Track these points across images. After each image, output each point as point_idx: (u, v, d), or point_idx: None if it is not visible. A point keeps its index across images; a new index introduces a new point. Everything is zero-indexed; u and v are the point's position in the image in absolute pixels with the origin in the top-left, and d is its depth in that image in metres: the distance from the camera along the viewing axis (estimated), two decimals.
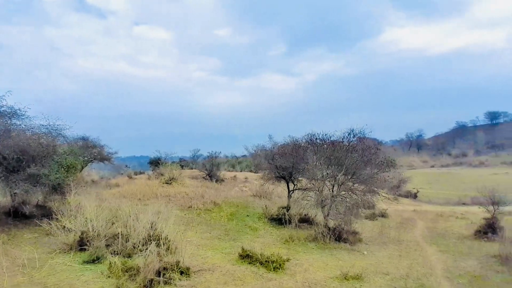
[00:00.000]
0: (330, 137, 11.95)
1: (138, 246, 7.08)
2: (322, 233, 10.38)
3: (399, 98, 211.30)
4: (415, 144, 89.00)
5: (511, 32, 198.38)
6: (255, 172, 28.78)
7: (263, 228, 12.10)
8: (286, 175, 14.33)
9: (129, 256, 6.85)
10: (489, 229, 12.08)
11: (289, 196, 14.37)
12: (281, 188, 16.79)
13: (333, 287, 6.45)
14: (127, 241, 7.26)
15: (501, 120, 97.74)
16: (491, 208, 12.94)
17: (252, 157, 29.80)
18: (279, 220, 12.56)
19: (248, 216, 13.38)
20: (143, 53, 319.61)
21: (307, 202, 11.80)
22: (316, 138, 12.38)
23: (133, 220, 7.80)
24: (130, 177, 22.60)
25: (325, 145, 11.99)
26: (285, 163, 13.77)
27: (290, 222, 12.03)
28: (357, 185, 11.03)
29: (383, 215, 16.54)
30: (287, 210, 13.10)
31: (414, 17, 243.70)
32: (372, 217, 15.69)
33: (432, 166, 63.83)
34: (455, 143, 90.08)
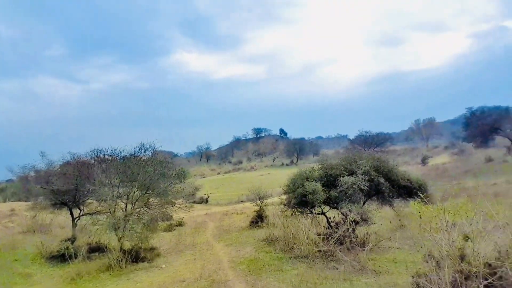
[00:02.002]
0: (121, 152, 11.21)
1: None
2: (117, 259, 9.44)
3: (191, 114, 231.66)
4: (205, 155, 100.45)
5: (267, 68, 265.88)
6: (26, 201, 22.48)
7: (39, 271, 9.55)
8: (68, 200, 12.02)
9: None
10: (259, 219, 15.26)
11: (74, 225, 12.13)
12: (63, 216, 13.93)
13: None
14: None
15: (263, 135, 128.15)
16: (258, 202, 16.49)
17: (20, 181, 23.02)
18: (62, 257, 10.31)
19: (16, 260, 10.23)
20: None
21: (98, 227, 10.42)
22: (104, 154, 11.23)
23: None
24: None
25: (116, 161, 11.10)
26: (66, 185, 11.54)
27: (76, 256, 10.14)
28: (152, 199, 10.92)
29: (180, 224, 17.27)
30: (72, 242, 10.98)
31: (199, 45, 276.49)
32: (170, 228, 16.03)
33: (219, 173, 73.97)
34: (234, 152, 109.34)
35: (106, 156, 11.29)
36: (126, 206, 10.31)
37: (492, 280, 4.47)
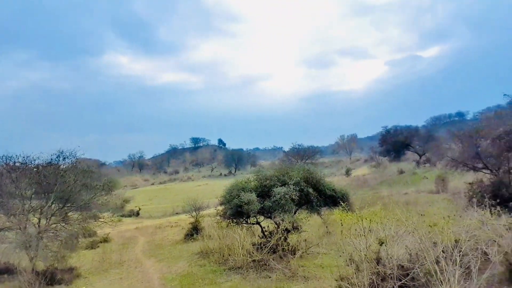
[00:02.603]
0: (35, 160, 9.91)
1: None
2: (29, 282, 8.20)
3: (123, 120, 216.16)
4: (137, 164, 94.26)
5: (207, 78, 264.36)
6: None
7: None
8: None
9: None
10: (194, 231, 14.85)
11: None
12: None
13: None
14: None
15: (201, 144, 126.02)
16: (194, 213, 16.07)
17: None
18: None
19: None
20: None
21: (6, 246, 9.00)
22: (15, 162, 9.79)
23: None
24: None
25: (29, 170, 9.75)
26: None
27: None
28: (72, 213, 9.84)
29: (106, 240, 15.82)
30: None
31: (135, 48, 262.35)
32: (93, 245, 14.57)
33: (152, 184, 70.06)
34: (170, 162, 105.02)
35: (17, 164, 9.86)
36: (40, 221, 9.10)
37: (405, 281, 5.09)
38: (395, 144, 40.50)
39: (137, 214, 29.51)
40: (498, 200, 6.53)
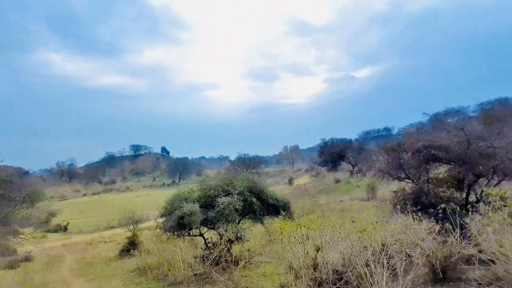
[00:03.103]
0: None
1: None
2: None
3: (52, 124, 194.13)
4: (67, 173, 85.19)
5: (151, 83, 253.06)
6: None
7: None
8: None
9: None
10: (131, 246, 13.86)
11: None
12: None
13: None
14: None
15: (142, 152, 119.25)
16: (132, 227, 15.03)
17: None
18: None
19: None
20: None
21: None
22: None
23: None
24: None
25: None
26: None
27: None
28: None
29: (27, 258, 13.89)
30: None
31: (70, 46, 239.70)
32: (13, 264, 12.68)
33: (84, 195, 63.96)
34: (106, 171, 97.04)
35: None
36: None
37: (340, 285, 5.39)
38: (332, 155, 43.55)
39: (65, 229, 26.57)
40: (418, 207, 7.34)
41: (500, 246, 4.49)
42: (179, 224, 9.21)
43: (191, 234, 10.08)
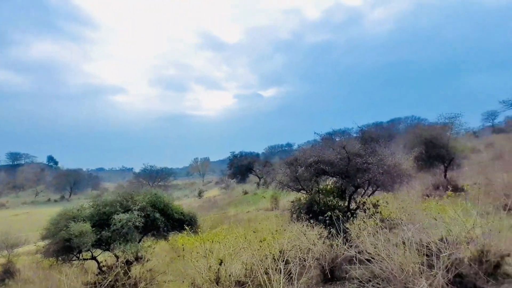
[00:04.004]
0: None
1: None
2: None
3: None
4: None
5: (37, 81, 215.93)
6: None
7: None
8: None
9: None
10: (5, 275, 11.38)
11: None
12: None
13: None
14: None
15: (23, 162, 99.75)
16: (5, 252, 12.39)
17: None
18: None
19: None
20: None
21: None
22: None
23: None
24: None
25: None
26: None
27: None
28: None
29: None
30: None
31: None
32: None
33: None
34: None
35: None
36: None
37: None
38: (241, 168, 45.14)
39: None
40: (311, 215, 8.18)
41: (374, 247, 5.25)
42: (65, 248, 8.00)
43: (81, 257, 8.87)
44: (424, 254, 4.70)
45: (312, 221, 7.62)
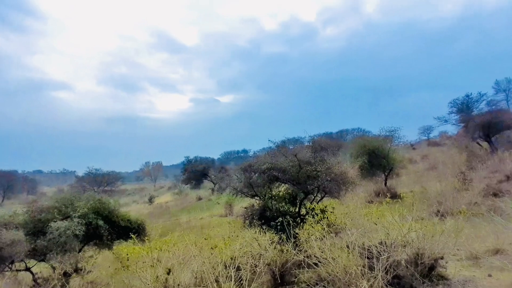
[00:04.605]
0: None
1: None
2: None
3: None
4: None
5: None
6: None
7: None
8: None
9: None
10: None
11: None
12: None
13: None
14: None
15: None
16: None
17: None
18: None
19: None
20: None
21: None
22: None
23: None
24: None
25: None
26: None
27: None
28: None
29: None
30: None
31: None
32: None
33: None
34: None
35: None
36: None
37: None
38: (196, 173, 44.17)
39: None
40: (263, 221, 8.29)
41: (322, 251, 5.48)
42: None
43: (14, 268, 7.94)
44: (365, 257, 5.02)
45: (264, 227, 7.73)
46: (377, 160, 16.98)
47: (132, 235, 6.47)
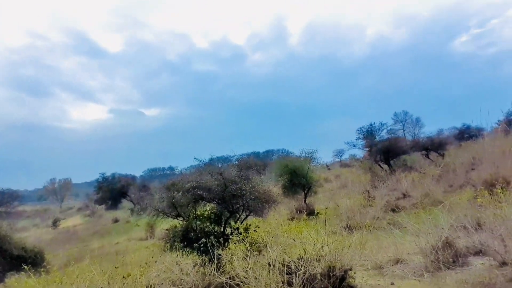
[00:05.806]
0: None
1: None
2: None
3: None
4: None
5: None
6: None
7: None
8: None
9: None
10: None
11: None
12: None
13: None
14: None
15: None
16: None
17: None
18: None
19: None
20: None
21: None
22: None
23: None
24: None
25: None
26: None
27: None
28: None
29: None
30: None
31: None
32: None
33: None
34: None
35: None
36: None
37: None
38: (113, 192, 40.12)
39: None
40: (186, 243, 7.94)
41: (245, 271, 5.47)
42: None
43: None
44: (285, 273, 5.20)
45: (187, 249, 7.42)
46: (297, 179, 18.18)
47: (25, 266, 5.50)
